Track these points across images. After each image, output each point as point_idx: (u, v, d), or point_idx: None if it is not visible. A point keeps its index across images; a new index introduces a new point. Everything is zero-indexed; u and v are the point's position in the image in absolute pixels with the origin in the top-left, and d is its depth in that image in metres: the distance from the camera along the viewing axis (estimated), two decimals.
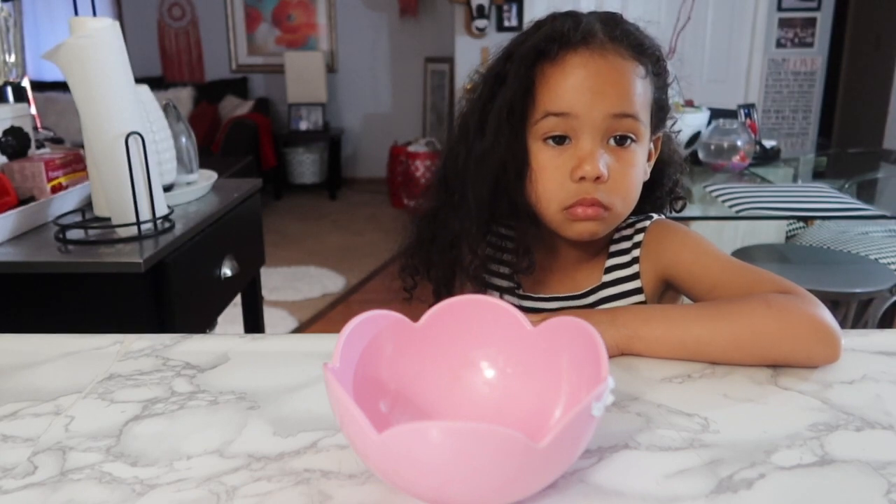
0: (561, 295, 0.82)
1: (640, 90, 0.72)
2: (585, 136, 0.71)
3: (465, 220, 0.78)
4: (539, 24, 0.76)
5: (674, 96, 0.81)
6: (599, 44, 0.71)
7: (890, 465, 0.47)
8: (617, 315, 0.66)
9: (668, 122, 0.82)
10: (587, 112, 0.70)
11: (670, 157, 0.85)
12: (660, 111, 0.77)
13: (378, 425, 0.40)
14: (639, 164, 0.74)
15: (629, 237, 0.81)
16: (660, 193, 0.86)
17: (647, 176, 0.79)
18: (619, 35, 0.72)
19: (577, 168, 0.70)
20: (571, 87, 0.70)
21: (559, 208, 0.73)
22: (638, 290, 0.79)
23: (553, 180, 0.72)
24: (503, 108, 0.73)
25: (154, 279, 1.10)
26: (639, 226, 0.81)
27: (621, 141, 0.72)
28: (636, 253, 0.79)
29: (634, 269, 0.79)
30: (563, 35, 0.71)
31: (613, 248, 0.81)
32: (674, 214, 0.89)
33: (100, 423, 0.55)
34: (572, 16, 0.74)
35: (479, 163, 0.75)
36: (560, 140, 0.72)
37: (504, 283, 0.84)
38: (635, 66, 0.72)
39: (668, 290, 0.80)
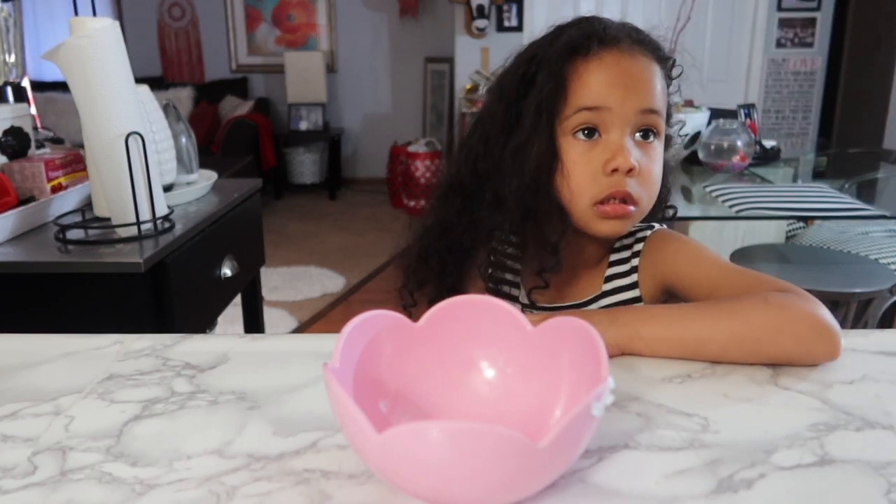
0: (562, 305, 0.83)
1: (661, 90, 0.76)
2: (616, 129, 0.73)
3: (497, 216, 0.78)
4: (562, 28, 0.77)
5: (674, 96, 0.82)
6: (628, 44, 0.74)
7: (890, 465, 0.47)
8: (617, 315, 0.66)
9: (675, 127, 0.85)
10: (619, 106, 0.72)
11: (666, 167, 0.85)
12: (668, 113, 0.80)
13: (378, 425, 0.40)
14: (661, 160, 0.77)
15: (629, 246, 0.81)
16: (658, 200, 0.87)
17: None
18: (643, 39, 0.76)
19: (609, 160, 0.72)
20: (605, 82, 0.73)
21: (590, 203, 0.74)
22: (637, 300, 0.79)
23: (585, 174, 0.74)
24: (539, 103, 0.74)
25: (154, 279, 1.10)
26: (639, 235, 0.81)
27: (646, 135, 0.75)
28: (635, 262, 0.80)
29: (633, 278, 0.80)
30: (596, 33, 0.74)
31: (614, 257, 0.82)
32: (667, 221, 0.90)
33: (100, 423, 0.55)
34: (599, 19, 0.77)
35: (515, 159, 0.76)
36: (590, 133, 0.73)
37: (511, 291, 0.85)
38: (658, 69, 0.76)
39: (669, 300, 0.80)
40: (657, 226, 0.83)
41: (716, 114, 2.48)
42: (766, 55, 4.53)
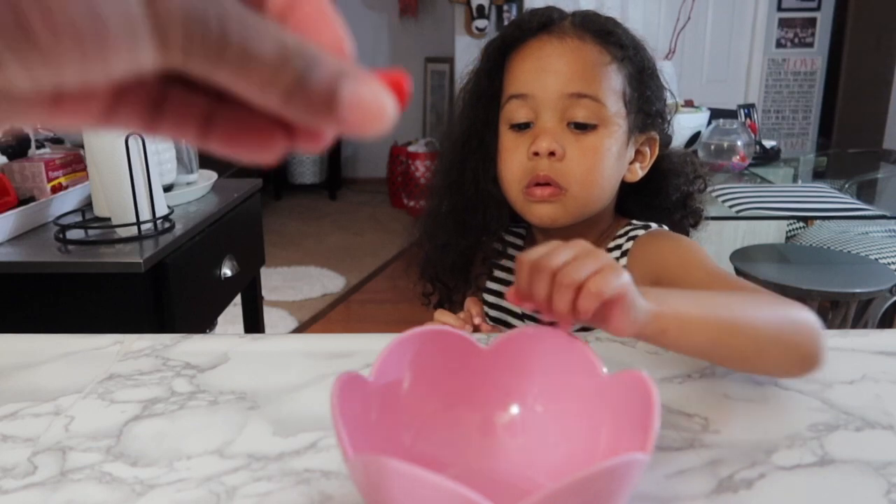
0: None
1: (604, 76, 0.73)
2: (544, 116, 0.73)
3: (434, 200, 0.80)
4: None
5: (673, 96, 0.81)
6: (559, 30, 0.74)
7: (890, 465, 0.47)
8: (646, 292, 0.57)
9: (666, 127, 0.80)
10: (542, 92, 0.72)
11: (677, 168, 0.82)
12: (644, 105, 0.76)
13: (393, 445, 0.39)
14: (604, 152, 0.73)
15: (620, 246, 0.78)
16: (666, 204, 0.83)
17: (637, 177, 0.79)
18: (580, 22, 0.74)
19: (532, 144, 0.72)
20: (529, 69, 0.74)
21: (519, 188, 0.75)
22: None
23: (514, 160, 0.75)
24: (470, 93, 0.78)
25: (154, 279, 1.10)
26: (632, 234, 0.78)
27: (581, 126, 0.72)
28: (623, 262, 0.77)
29: None
30: (522, 23, 0.75)
31: None
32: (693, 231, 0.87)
33: (100, 423, 0.55)
34: (543, 9, 0.77)
35: (445, 143, 0.80)
36: (524, 126, 0.74)
37: (498, 287, 0.84)
38: (598, 52, 0.73)
39: None
40: (654, 226, 0.80)
41: (716, 114, 2.48)
42: (766, 55, 4.53)
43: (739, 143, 2.23)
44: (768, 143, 2.48)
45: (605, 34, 0.74)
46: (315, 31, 0.21)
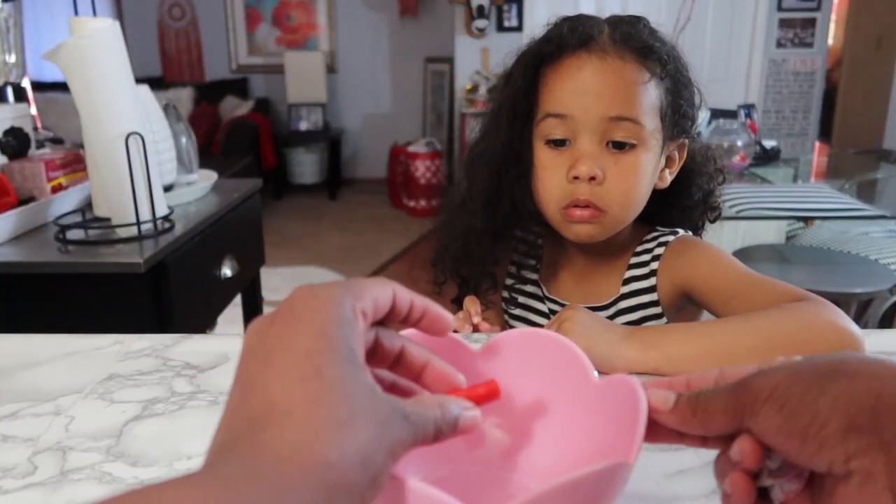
0: (582, 304, 0.81)
1: (644, 95, 0.71)
2: (583, 137, 0.71)
3: (469, 217, 0.79)
4: (548, 29, 0.76)
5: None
6: (599, 47, 0.71)
7: None
8: (643, 335, 0.63)
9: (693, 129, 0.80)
10: (583, 114, 0.70)
11: (700, 167, 0.82)
12: (678, 117, 0.75)
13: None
14: (642, 171, 0.73)
15: (650, 250, 0.79)
16: (689, 203, 0.83)
17: (666, 183, 0.78)
18: (621, 38, 0.71)
19: (571, 168, 0.71)
20: (568, 89, 0.71)
21: (557, 208, 0.74)
22: (654, 303, 0.78)
23: (552, 180, 0.73)
24: (505, 107, 0.75)
25: (154, 279, 1.10)
26: (662, 239, 0.79)
27: (620, 146, 0.71)
28: (654, 266, 0.78)
29: (651, 281, 0.78)
30: (561, 38, 0.72)
31: (634, 259, 0.80)
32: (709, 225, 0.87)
33: (100, 423, 0.55)
34: (578, 19, 0.74)
35: (480, 159, 0.78)
36: (561, 143, 0.73)
37: (529, 289, 0.85)
38: (638, 71, 0.71)
39: (687, 305, 0.79)
40: (681, 231, 0.80)
41: (716, 114, 2.48)
42: (766, 55, 4.53)
43: (739, 143, 2.23)
44: (768, 143, 2.49)
45: (647, 51, 0.71)
46: (441, 377, 0.37)
